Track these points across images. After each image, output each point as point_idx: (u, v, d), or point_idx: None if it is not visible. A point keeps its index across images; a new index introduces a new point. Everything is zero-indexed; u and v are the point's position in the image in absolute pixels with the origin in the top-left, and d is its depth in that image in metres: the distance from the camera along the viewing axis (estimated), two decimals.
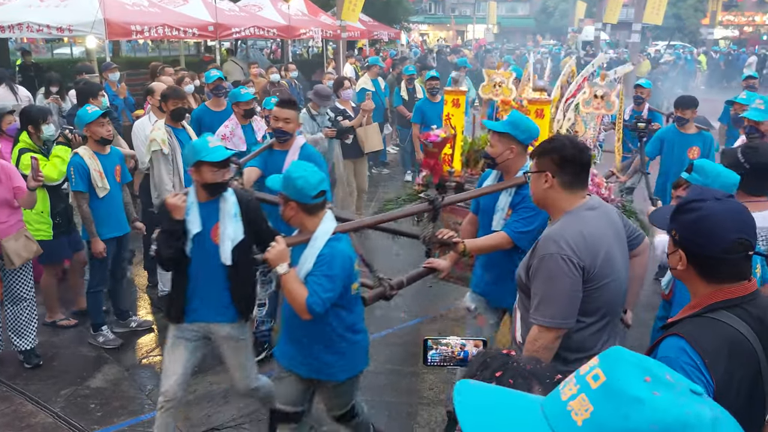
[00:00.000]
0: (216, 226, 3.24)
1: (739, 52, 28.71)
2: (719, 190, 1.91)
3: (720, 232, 1.72)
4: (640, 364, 0.87)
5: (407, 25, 28.87)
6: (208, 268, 3.26)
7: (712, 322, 1.73)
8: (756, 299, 1.76)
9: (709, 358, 1.64)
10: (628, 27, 23.48)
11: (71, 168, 4.65)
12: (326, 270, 2.81)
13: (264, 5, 13.63)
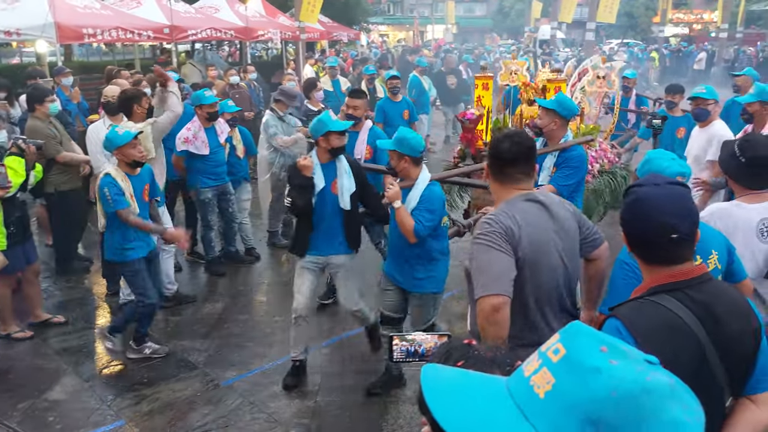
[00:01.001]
0: (335, 182, 4.17)
1: (689, 48, 29.49)
2: (664, 176, 1.94)
3: (647, 215, 1.78)
4: (597, 336, 0.89)
5: (367, 26, 28.87)
6: (328, 213, 4.20)
7: (649, 305, 1.77)
8: (703, 284, 1.78)
9: (642, 339, 1.67)
10: (583, 26, 23.94)
11: (105, 189, 4.46)
12: (428, 205, 3.74)
13: (221, 7, 13.46)
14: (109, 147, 4.60)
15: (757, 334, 1.77)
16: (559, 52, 25.80)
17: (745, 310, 1.80)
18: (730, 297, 1.81)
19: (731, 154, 2.96)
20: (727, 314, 1.74)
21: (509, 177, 2.55)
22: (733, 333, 1.73)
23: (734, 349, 1.73)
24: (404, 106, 7.99)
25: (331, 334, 5.20)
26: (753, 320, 1.79)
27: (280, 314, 5.58)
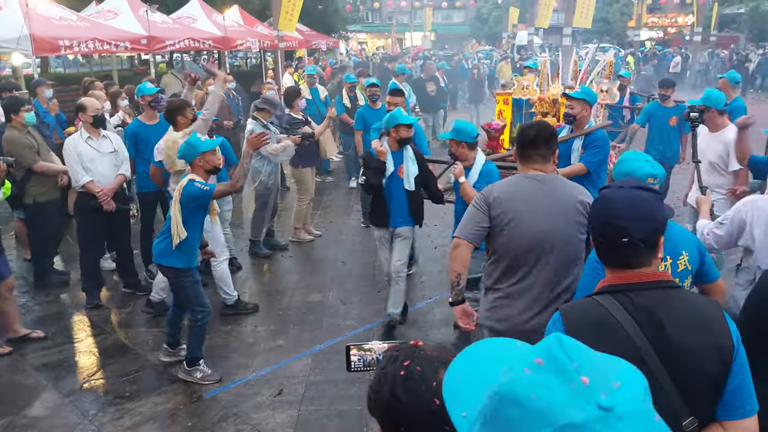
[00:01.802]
0: (401, 167, 5.05)
1: (665, 52, 29.93)
2: (635, 180, 1.97)
3: (604, 215, 1.82)
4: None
5: (345, 34, 28.93)
6: (395, 193, 5.11)
7: (590, 302, 1.81)
8: (653, 290, 1.76)
9: (571, 332, 1.70)
10: (560, 31, 24.19)
11: (195, 183, 4.39)
12: (487, 178, 4.46)
13: (198, 17, 13.42)
14: (192, 153, 4.47)
15: (725, 352, 1.70)
16: (536, 57, 26.05)
17: (708, 323, 1.73)
18: (690, 308, 1.76)
19: None
20: (676, 323, 1.70)
21: (528, 158, 3.06)
22: (683, 343, 1.68)
23: (684, 361, 1.68)
24: (383, 114, 8.00)
25: (314, 342, 5.19)
26: (718, 336, 1.72)
27: (264, 324, 5.57)
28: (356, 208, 8.58)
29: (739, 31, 40.19)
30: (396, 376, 1.19)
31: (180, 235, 4.38)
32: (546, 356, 0.87)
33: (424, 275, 6.58)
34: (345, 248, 7.46)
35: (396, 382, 1.19)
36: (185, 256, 4.50)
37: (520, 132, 3.16)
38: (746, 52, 28.37)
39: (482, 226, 3.02)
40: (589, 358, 0.87)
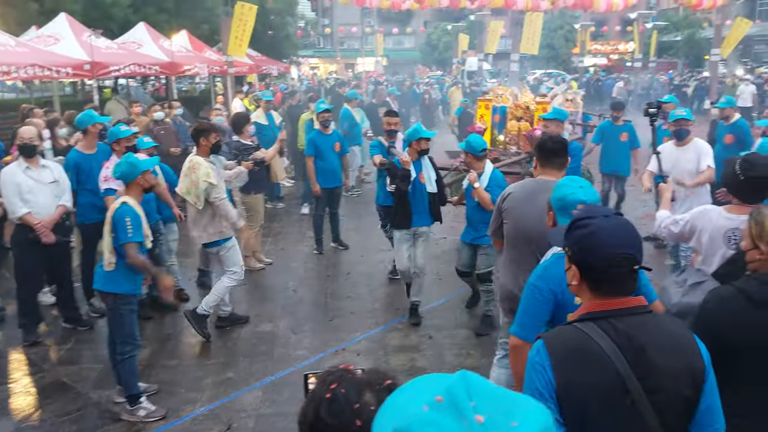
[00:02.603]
0: (422, 174, 5.69)
1: (607, 78, 30.93)
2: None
3: (605, 247, 1.79)
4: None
5: (296, 59, 28.98)
6: (418, 196, 5.71)
7: (571, 329, 1.82)
8: (633, 316, 1.79)
9: (556, 360, 1.75)
10: (508, 57, 24.80)
11: (126, 218, 4.25)
12: (496, 182, 5.29)
13: (144, 42, 13.22)
14: (134, 172, 4.43)
15: (698, 374, 1.76)
16: (486, 82, 26.58)
17: (683, 347, 1.79)
18: (664, 332, 1.80)
19: (733, 172, 3.20)
20: (656, 348, 1.74)
21: (551, 163, 3.66)
22: (662, 368, 1.73)
23: (664, 385, 1.72)
24: (335, 139, 8.00)
25: (264, 374, 5.06)
26: (693, 359, 1.78)
27: (212, 356, 5.40)
28: (308, 235, 8.49)
29: (677, 57, 41.93)
30: (322, 398, 1.25)
31: (110, 261, 4.33)
32: (446, 394, 0.88)
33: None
34: (296, 276, 7.35)
35: (321, 404, 1.24)
36: (126, 283, 4.40)
37: (542, 143, 3.73)
38: (684, 77, 29.60)
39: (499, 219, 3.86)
40: (492, 397, 0.88)
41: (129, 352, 4.46)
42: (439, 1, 18.57)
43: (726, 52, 20.61)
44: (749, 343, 2.13)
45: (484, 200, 5.22)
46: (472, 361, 5.19)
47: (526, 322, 2.71)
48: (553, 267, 2.72)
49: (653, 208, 8.59)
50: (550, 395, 1.75)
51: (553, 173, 3.65)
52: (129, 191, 4.48)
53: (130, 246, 4.29)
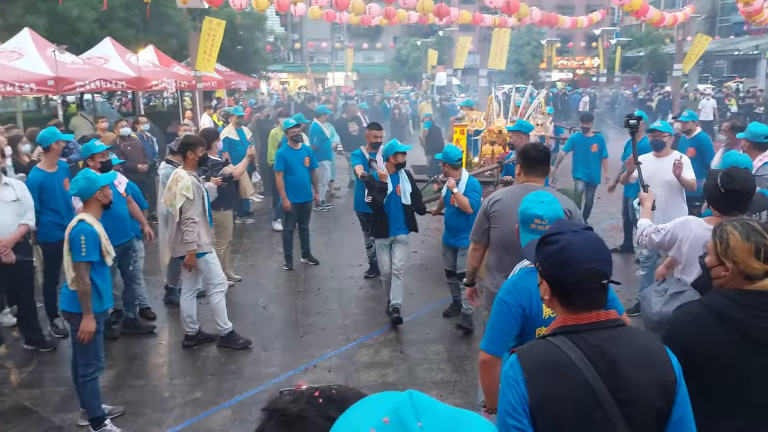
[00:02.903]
0: (398, 186, 6.10)
1: (573, 92, 31.50)
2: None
3: (575, 262, 1.82)
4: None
5: (266, 74, 28.90)
6: (394, 208, 6.11)
7: (545, 344, 1.84)
8: (604, 330, 1.82)
9: (529, 375, 1.77)
10: (477, 72, 25.07)
11: (81, 237, 4.15)
12: (472, 188, 5.77)
13: (110, 57, 13.05)
14: (92, 188, 4.34)
15: (670, 386, 1.79)
16: (455, 97, 26.84)
17: (654, 359, 1.81)
18: (636, 345, 1.82)
19: (714, 184, 3.26)
20: (628, 360, 1.76)
21: (534, 170, 3.85)
22: (634, 380, 1.75)
23: (636, 397, 1.74)
24: (304, 154, 7.98)
25: (233, 393, 4.97)
26: (665, 372, 1.80)
27: (180, 376, 5.30)
28: (278, 251, 8.42)
29: (641, 72, 42.93)
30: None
31: (69, 279, 4.26)
32: (393, 415, 0.86)
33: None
34: (266, 292, 7.27)
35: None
36: (91, 302, 4.30)
37: (525, 152, 3.93)
38: (648, 91, 30.28)
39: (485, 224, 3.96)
40: (439, 417, 0.87)
41: (92, 374, 4.36)
42: (408, 16, 18.73)
43: (687, 67, 21.13)
44: (717, 359, 2.16)
45: (463, 204, 5.66)
46: (443, 376, 5.18)
47: (494, 337, 2.72)
48: (522, 281, 2.74)
49: (620, 221, 8.76)
50: (524, 409, 1.76)
51: (536, 180, 3.87)
52: (87, 208, 4.39)
53: (80, 266, 4.21)
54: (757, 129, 5.63)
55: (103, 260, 4.36)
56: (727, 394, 2.17)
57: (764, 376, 2.13)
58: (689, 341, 2.19)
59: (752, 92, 27.11)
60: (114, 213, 5.58)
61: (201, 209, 5.63)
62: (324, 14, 17.81)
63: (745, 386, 2.15)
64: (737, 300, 2.18)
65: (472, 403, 4.53)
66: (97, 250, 4.26)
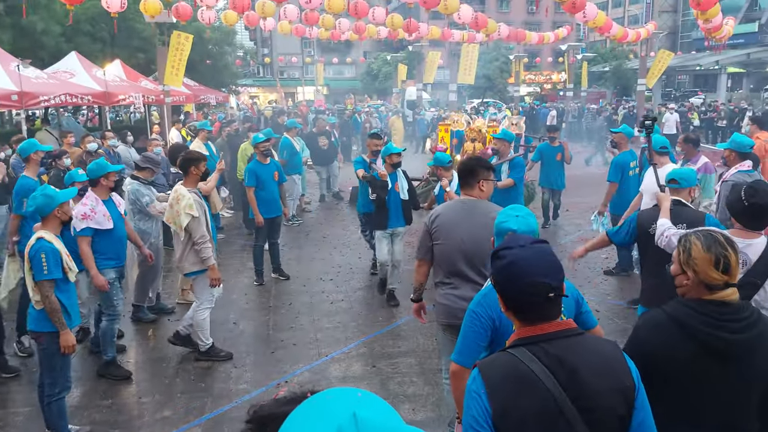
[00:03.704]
0: (396, 183, 6.97)
1: (541, 107, 31.98)
2: (527, 237, 2.03)
3: (521, 276, 1.85)
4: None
5: (235, 88, 28.79)
6: (393, 203, 6.98)
7: (506, 356, 1.86)
8: (563, 339, 1.85)
9: (491, 387, 1.80)
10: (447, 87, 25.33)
11: (42, 255, 4.04)
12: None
13: (77, 71, 12.89)
14: (51, 204, 4.25)
15: (629, 392, 1.82)
16: (425, 111, 27.05)
17: (613, 366, 1.85)
18: (595, 353, 1.85)
19: (738, 198, 3.31)
20: (587, 369, 1.79)
21: (468, 184, 4.00)
22: (594, 388, 1.78)
23: (596, 405, 1.77)
24: (273, 168, 7.96)
25: (203, 411, 4.90)
26: (624, 378, 1.84)
27: (148, 394, 5.21)
28: (249, 266, 8.35)
29: (606, 87, 43.82)
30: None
31: (36, 299, 4.16)
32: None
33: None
34: (237, 308, 7.20)
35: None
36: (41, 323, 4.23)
37: (463, 163, 4.06)
38: (614, 105, 30.89)
39: (429, 242, 4.03)
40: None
41: (58, 393, 4.28)
42: (378, 32, 18.87)
43: (651, 82, 21.67)
44: (676, 366, 2.20)
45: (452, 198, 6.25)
46: (415, 389, 5.18)
47: (465, 348, 2.75)
48: (492, 294, 2.77)
49: (588, 233, 8.91)
50: (487, 422, 1.78)
51: (472, 193, 4.01)
52: (45, 225, 4.30)
53: (43, 284, 4.11)
54: (742, 140, 5.85)
55: (66, 277, 4.27)
56: (683, 402, 2.21)
57: (719, 385, 2.18)
58: (650, 348, 2.24)
59: (713, 106, 27.86)
60: (116, 234, 5.54)
61: (205, 225, 5.65)
62: (294, 29, 17.84)
63: (700, 394, 2.20)
64: (696, 309, 2.23)
65: (444, 416, 4.54)
66: (59, 267, 4.17)
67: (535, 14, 53.83)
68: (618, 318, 6.52)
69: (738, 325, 2.17)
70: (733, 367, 2.17)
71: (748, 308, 2.23)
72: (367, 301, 7.29)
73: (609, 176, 7.71)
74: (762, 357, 2.17)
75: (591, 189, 13.76)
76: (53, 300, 4.14)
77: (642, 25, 26.58)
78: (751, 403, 2.19)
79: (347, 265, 8.74)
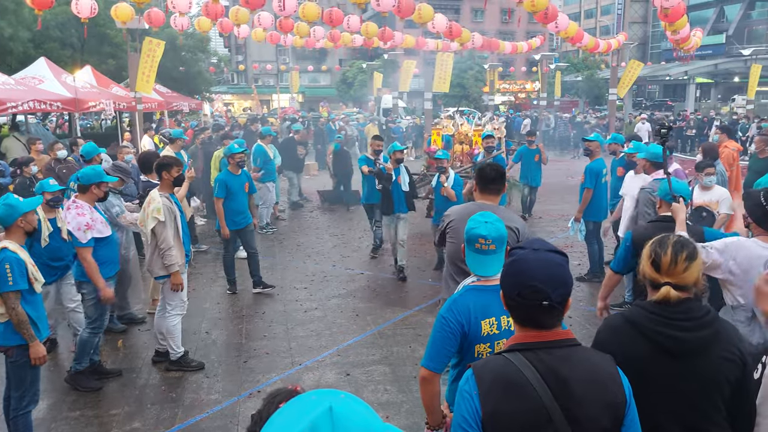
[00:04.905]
0: (399, 177, 8.40)
1: (515, 115, 32.32)
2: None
3: (518, 275, 1.88)
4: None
5: (209, 95, 28.58)
6: (396, 191, 8.40)
7: (501, 359, 1.87)
8: (559, 349, 1.85)
9: (483, 389, 1.81)
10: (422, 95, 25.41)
11: (6, 265, 3.91)
12: (457, 182, 7.73)
13: (46, 78, 12.66)
14: (13, 214, 4.15)
15: (619, 408, 1.83)
16: (401, 119, 27.13)
17: (605, 380, 1.85)
18: (587, 365, 1.86)
19: (757, 203, 3.30)
20: (579, 380, 1.80)
21: (488, 189, 4.08)
22: (584, 399, 1.79)
23: (585, 415, 1.78)
24: (245, 179, 7.87)
25: (173, 422, 4.81)
26: (614, 392, 1.85)
27: (117, 406, 5.10)
28: (221, 275, 8.26)
29: (578, 96, 44.44)
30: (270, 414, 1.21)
31: (1, 312, 4.05)
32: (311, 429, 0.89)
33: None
34: (209, 317, 7.11)
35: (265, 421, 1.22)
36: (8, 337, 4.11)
37: (481, 170, 4.13)
38: (585, 115, 31.32)
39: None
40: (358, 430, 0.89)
41: (25, 407, 4.18)
42: (353, 40, 18.88)
43: (622, 92, 22.00)
44: (629, 366, 2.22)
45: (450, 195, 7.53)
46: (389, 397, 5.16)
47: (434, 353, 2.74)
48: (462, 299, 2.77)
49: (560, 239, 8.99)
50: (476, 423, 1.79)
51: (490, 198, 4.10)
52: (9, 235, 4.19)
53: (9, 296, 4.00)
54: (656, 149, 6.12)
55: (32, 288, 4.16)
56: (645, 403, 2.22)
57: (676, 385, 2.20)
58: (608, 349, 2.25)
59: (683, 116, 28.40)
60: (113, 240, 5.52)
61: (174, 231, 5.57)
62: (268, 36, 17.77)
63: (659, 395, 2.22)
64: (647, 308, 2.26)
65: (418, 423, 4.52)
66: (24, 278, 4.05)
67: (508, 24, 54.49)
68: (590, 324, 6.57)
69: (689, 323, 2.19)
70: (687, 365, 2.19)
71: (703, 309, 2.25)
72: (341, 309, 7.25)
73: (585, 183, 7.83)
74: (717, 356, 2.19)
75: (561, 197, 13.98)
76: (20, 311, 4.03)
77: (613, 36, 27.01)
78: (713, 405, 2.20)
79: (321, 273, 8.70)
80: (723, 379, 2.20)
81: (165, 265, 5.55)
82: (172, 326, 5.68)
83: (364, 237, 10.82)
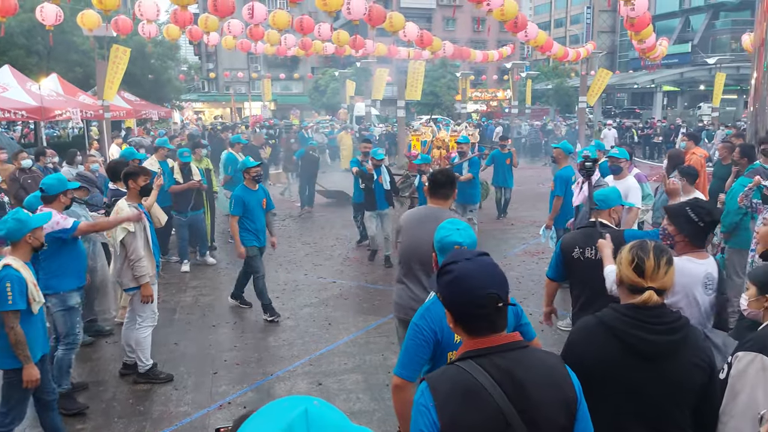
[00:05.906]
0: (380, 177, 9.51)
1: (487, 123, 32.63)
2: (471, 250, 2.02)
3: (469, 289, 1.85)
4: None
5: (179, 103, 28.30)
6: (378, 191, 9.52)
7: (454, 369, 1.85)
8: (511, 351, 1.85)
9: (440, 401, 1.78)
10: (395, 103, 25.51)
11: (8, 283, 3.77)
12: None
13: (10, 86, 12.41)
14: (23, 230, 4.01)
15: (572, 404, 1.86)
16: (374, 127, 27.17)
17: (557, 379, 1.87)
18: (540, 365, 1.87)
19: (688, 220, 3.22)
20: (533, 381, 1.81)
21: (438, 193, 4.20)
22: (540, 400, 1.79)
23: (542, 416, 1.79)
24: (262, 195, 7.53)
25: (157, 429, 4.72)
26: (567, 390, 1.87)
27: (83, 421, 4.98)
28: (191, 285, 8.15)
29: (549, 104, 45.05)
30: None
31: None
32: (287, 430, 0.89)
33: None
34: (178, 328, 6.99)
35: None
36: None
37: (432, 176, 4.25)
38: (555, 123, 31.75)
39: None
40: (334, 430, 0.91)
41: (9, 424, 4.09)
42: (325, 48, 18.88)
43: (591, 100, 22.34)
44: (603, 369, 2.24)
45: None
46: (361, 405, 5.13)
47: (406, 361, 2.72)
48: (434, 307, 2.76)
49: (532, 245, 9.06)
50: None
51: (440, 202, 4.18)
52: (15, 251, 4.04)
53: (7, 315, 3.87)
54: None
55: (30, 309, 4.01)
56: (609, 404, 2.24)
57: (645, 387, 2.23)
58: (581, 353, 2.28)
59: (650, 123, 28.94)
60: (79, 251, 5.31)
61: (143, 241, 5.49)
62: (238, 44, 17.67)
63: (629, 396, 2.24)
64: (620, 311, 2.29)
65: (390, 431, 4.49)
66: (24, 298, 3.92)
67: (479, 33, 55.04)
68: (561, 330, 6.62)
69: (661, 327, 2.22)
70: (656, 368, 2.21)
71: (674, 314, 2.29)
72: (314, 318, 7.20)
73: (555, 190, 7.89)
74: (686, 361, 2.22)
75: (532, 204, 14.13)
76: (18, 331, 3.90)
77: (582, 45, 27.44)
78: (678, 408, 2.24)
79: (293, 282, 8.63)
80: (690, 384, 2.23)
81: (135, 277, 5.46)
82: (143, 338, 5.59)
83: (336, 245, 10.78)
